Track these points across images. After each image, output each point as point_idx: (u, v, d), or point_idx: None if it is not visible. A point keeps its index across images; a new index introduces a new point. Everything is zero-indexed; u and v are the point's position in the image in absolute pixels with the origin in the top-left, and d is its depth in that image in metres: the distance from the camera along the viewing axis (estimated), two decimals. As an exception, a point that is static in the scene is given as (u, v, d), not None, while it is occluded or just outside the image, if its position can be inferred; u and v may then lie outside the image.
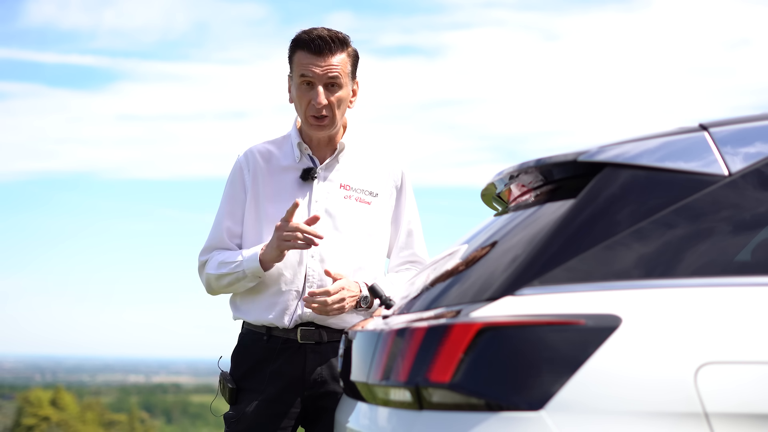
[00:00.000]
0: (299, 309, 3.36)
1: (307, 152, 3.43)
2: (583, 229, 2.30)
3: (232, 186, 3.47)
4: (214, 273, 3.39)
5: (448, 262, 2.62)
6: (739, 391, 2.13)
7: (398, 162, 3.53)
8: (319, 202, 3.39)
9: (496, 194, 2.90)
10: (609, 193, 2.34)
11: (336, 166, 3.44)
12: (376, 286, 2.81)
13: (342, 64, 3.35)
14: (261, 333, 3.40)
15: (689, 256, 2.26)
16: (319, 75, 3.32)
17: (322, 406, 3.38)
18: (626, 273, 2.25)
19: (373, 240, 3.44)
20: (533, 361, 2.17)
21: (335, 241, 3.37)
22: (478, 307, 2.24)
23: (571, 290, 2.23)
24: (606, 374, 2.14)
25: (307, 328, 3.35)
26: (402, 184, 3.52)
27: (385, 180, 3.48)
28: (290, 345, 3.36)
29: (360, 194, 3.43)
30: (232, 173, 3.48)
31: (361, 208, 3.42)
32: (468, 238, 2.73)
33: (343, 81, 3.35)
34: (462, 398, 2.20)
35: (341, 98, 3.36)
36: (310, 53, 3.33)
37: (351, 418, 2.73)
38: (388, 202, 3.48)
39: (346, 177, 3.44)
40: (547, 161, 2.53)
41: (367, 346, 2.61)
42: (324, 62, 3.32)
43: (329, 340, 3.37)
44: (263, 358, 3.38)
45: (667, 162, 2.36)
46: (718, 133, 2.39)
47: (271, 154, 3.46)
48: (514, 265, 2.29)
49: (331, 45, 3.32)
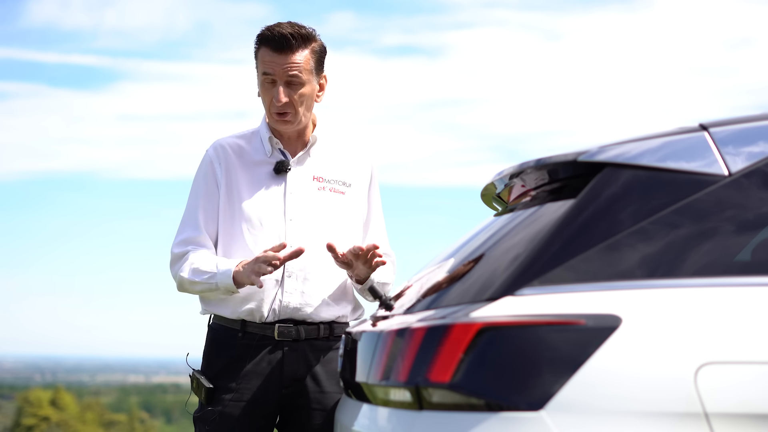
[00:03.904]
0: (279, 299, 3.32)
1: (278, 147, 3.43)
2: (583, 229, 2.30)
3: (204, 179, 3.44)
4: (188, 278, 3.36)
5: (448, 262, 2.62)
6: (739, 391, 2.13)
7: (369, 157, 3.55)
8: (294, 194, 3.39)
9: (496, 194, 2.90)
10: (609, 193, 2.34)
11: (308, 159, 3.45)
12: (376, 286, 2.81)
13: (304, 61, 3.35)
14: (235, 329, 3.36)
15: (689, 256, 2.26)
16: (279, 73, 3.33)
17: (299, 405, 3.35)
18: (626, 273, 2.25)
19: (348, 229, 3.43)
20: (533, 361, 2.17)
21: (311, 231, 3.37)
22: (478, 307, 2.24)
23: (571, 290, 2.23)
24: (606, 374, 2.14)
25: (285, 325, 3.32)
26: (372, 178, 3.54)
27: (356, 172, 3.49)
28: (267, 342, 3.33)
29: (333, 185, 3.44)
30: (203, 166, 3.46)
31: (336, 198, 3.43)
32: (468, 238, 2.73)
33: (305, 78, 3.35)
34: (462, 398, 2.20)
35: (303, 95, 3.36)
36: (272, 50, 3.34)
37: (351, 418, 2.72)
38: (360, 193, 3.49)
39: (318, 169, 3.45)
40: (547, 161, 2.53)
41: (367, 346, 2.60)
42: (285, 60, 3.32)
43: (306, 338, 3.35)
44: (238, 355, 3.34)
45: (667, 162, 2.36)
46: (718, 133, 2.39)
47: (241, 149, 3.45)
48: (515, 265, 2.29)
49: (293, 43, 3.32)
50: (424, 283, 2.66)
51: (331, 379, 3.36)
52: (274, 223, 3.36)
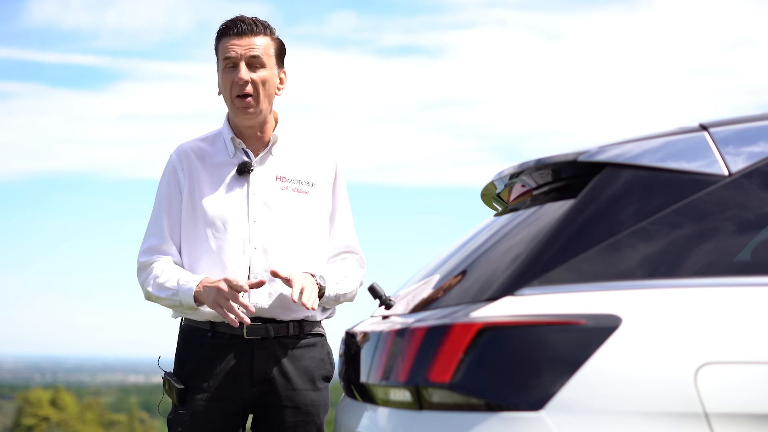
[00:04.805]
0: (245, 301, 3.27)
1: (241, 146, 3.43)
2: (583, 229, 2.30)
3: (167, 186, 3.45)
4: (153, 293, 3.37)
5: (448, 262, 2.62)
6: (739, 391, 2.13)
7: (332, 153, 3.53)
8: (257, 195, 3.38)
9: (496, 194, 2.90)
10: (609, 193, 2.34)
11: (270, 158, 3.44)
12: (376, 286, 2.81)
13: (264, 46, 3.38)
14: (205, 329, 3.36)
15: (689, 256, 2.26)
16: (240, 54, 3.35)
17: (270, 404, 3.35)
18: (626, 273, 2.25)
19: (313, 229, 3.42)
20: (533, 361, 2.17)
21: (275, 232, 3.36)
22: (478, 307, 2.24)
23: (571, 290, 2.23)
24: (606, 374, 2.14)
25: (254, 324, 3.31)
26: (336, 176, 3.52)
27: (320, 171, 3.48)
28: (236, 341, 3.33)
29: (296, 185, 3.43)
30: (166, 173, 3.46)
31: (299, 198, 3.42)
32: (468, 238, 2.73)
33: (266, 62, 3.38)
34: (462, 398, 2.20)
35: (265, 79, 3.37)
36: (233, 36, 3.38)
37: (351, 418, 2.72)
38: (324, 192, 3.48)
39: (281, 169, 3.44)
40: (547, 161, 2.53)
41: (367, 347, 2.60)
42: (246, 42, 3.37)
43: (276, 336, 3.35)
44: (208, 355, 3.34)
45: (667, 162, 2.36)
46: (719, 133, 2.39)
47: (204, 152, 3.45)
48: (515, 265, 2.29)
49: (253, 27, 3.38)
50: (424, 283, 2.66)
51: (302, 376, 3.36)
52: (238, 225, 3.35)
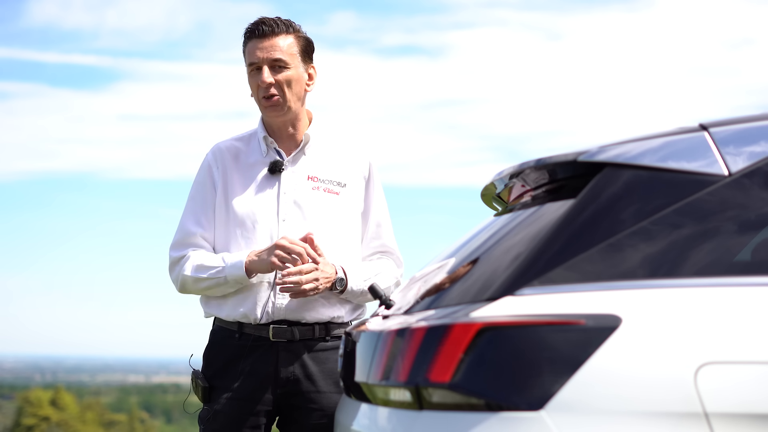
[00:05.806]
0: (272, 301, 3.34)
1: (273, 146, 3.45)
2: (583, 229, 2.30)
3: (202, 183, 3.49)
4: (192, 275, 3.38)
5: (448, 262, 2.62)
6: (739, 391, 2.13)
7: (366, 153, 3.53)
8: (288, 194, 3.40)
9: (496, 194, 2.90)
10: (609, 193, 2.34)
11: (302, 158, 3.45)
12: (376, 285, 2.81)
13: (287, 46, 3.39)
14: (233, 330, 3.39)
15: (689, 256, 2.26)
16: (263, 58, 3.37)
17: (295, 405, 3.37)
18: (626, 273, 2.25)
19: (343, 229, 3.43)
20: (533, 361, 2.17)
21: (305, 232, 3.36)
22: (478, 307, 2.24)
23: (571, 290, 2.23)
24: (606, 374, 2.14)
25: (279, 326, 3.34)
26: (370, 176, 3.52)
27: (352, 171, 3.49)
28: (262, 343, 3.35)
29: (328, 185, 3.44)
30: (201, 171, 3.50)
31: (330, 199, 3.43)
32: (468, 238, 2.73)
33: (290, 62, 3.38)
34: (462, 398, 2.20)
35: (289, 78, 3.38)
36: (255, 39, 3.39)
37: (351, 418, 2.72)
38: (356, 192, 3.48)
39: (313, 168, 3.45)
40: (547, 161, 2.53)
41: (367, 346, 2.60)
42: (268, 44, 3.37)
43: (301, 338, 3.36)
44: (235, 356, 3.38)
45: (667, 162, 2.36)
46: (719, 133, 2.39)
47: (238, 151, 3.48)
48: (515, 265, 2.29)
49: (274, 27, 3.38)
50: (424, 283, 2.66)
51: (327, 378, 3.37)
52: (267, 224, 3.38)
